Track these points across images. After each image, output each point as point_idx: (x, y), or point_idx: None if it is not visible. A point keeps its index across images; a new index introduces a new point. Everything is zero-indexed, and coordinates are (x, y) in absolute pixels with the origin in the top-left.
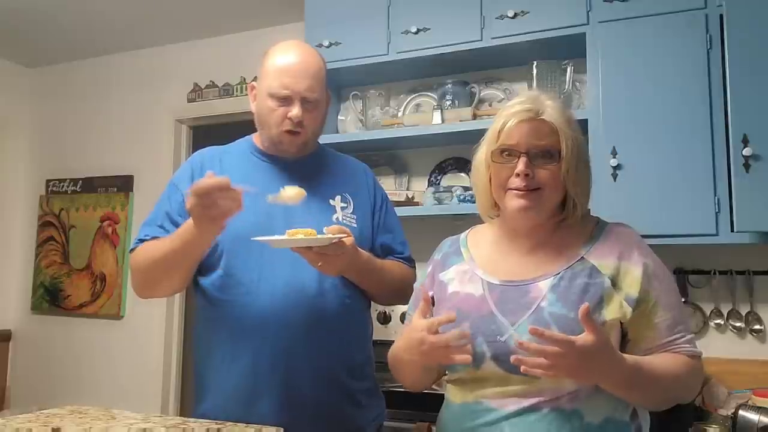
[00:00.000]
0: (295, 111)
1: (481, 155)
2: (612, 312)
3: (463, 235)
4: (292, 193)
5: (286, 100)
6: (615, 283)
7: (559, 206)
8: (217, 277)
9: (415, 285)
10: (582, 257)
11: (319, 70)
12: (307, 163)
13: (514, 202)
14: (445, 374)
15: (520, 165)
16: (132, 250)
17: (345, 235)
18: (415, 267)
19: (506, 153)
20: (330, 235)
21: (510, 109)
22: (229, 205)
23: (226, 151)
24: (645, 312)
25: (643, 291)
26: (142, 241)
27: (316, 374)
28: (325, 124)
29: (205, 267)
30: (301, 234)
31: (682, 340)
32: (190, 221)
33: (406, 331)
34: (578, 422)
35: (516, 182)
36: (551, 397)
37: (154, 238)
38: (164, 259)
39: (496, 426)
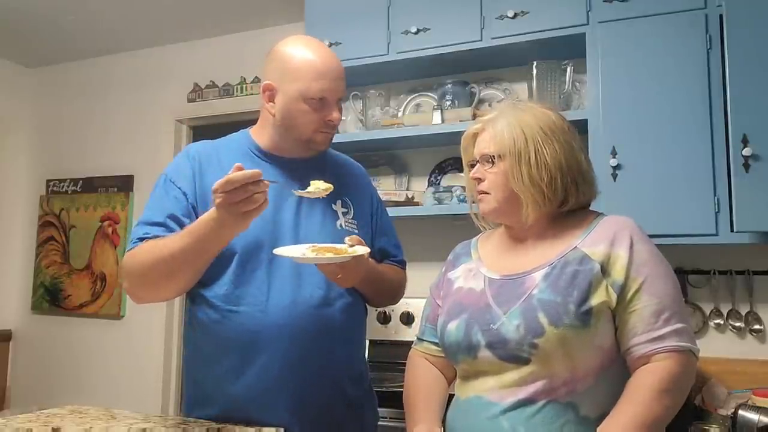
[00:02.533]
0: (336, 114)
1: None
2: (598, 297)
3: (475, 238)
4: (321, 187)
5: (321, 102)
6: (604, 269)
7: (552, 201)
8: (223, 288)
9: (430, 286)
10: (575, 246)
11: (342, 65)
12: (309, 165)
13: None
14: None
15: (471, 172)
16: (130, 250)
17: (365, 247)
18: (406, 269)
19: (469, 165)
20: (352, 250)
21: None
22: (262, 198)
23: (221, 148)
24: (628, 297)
25: (628, 276)
26: (142, 240)
27: (324, 382)
28: None
29: (209, 278)
30: (330, 253)
31: (669, 330)
32: (205, 218)
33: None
34: (573, 415)
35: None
36: (546, 387)
37: (155, 237)
38: (173, 258)
39: (495, 420)
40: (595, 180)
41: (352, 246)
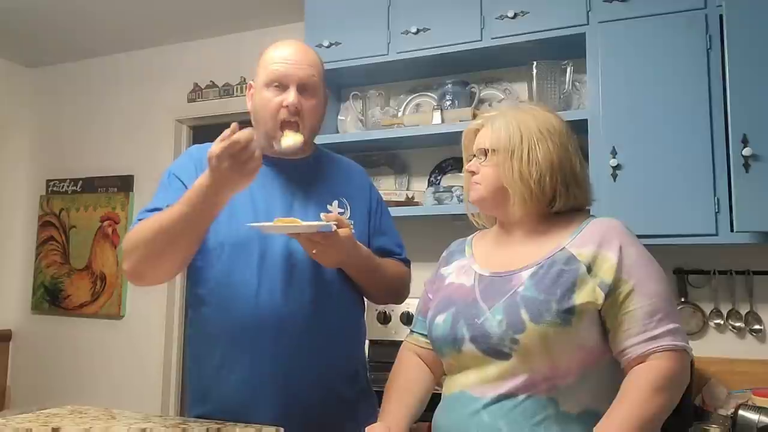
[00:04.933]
0: (291, 97)
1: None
2: (583, 296)
3: (470, 236)
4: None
5: (281, 88)
6: (591, 269)
7: (540, 198)
8: (214, 286)
9: (425, 281)
10: (563, 247)
11: (315, 59)
12: (305, 166)
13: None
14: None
15: (467, 165)
16: (130, 231)
17: (334, 222)
18: (410, 268)
19: (468, 161)
20: (318, 222)
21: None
22: (260, 154)
23: None
24: (620, 299)
25: (617, 278)
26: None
27: (315, 381)
28: (322, 122)
29: (202, 276)
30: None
31: (664, 330)
32: (200, 184)
33: None
34: (553, 410)
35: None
36: (527, 382)
37: None
38: (172, 227)
39: (476, 415)
40: (589, 186)
41: (328, 223)
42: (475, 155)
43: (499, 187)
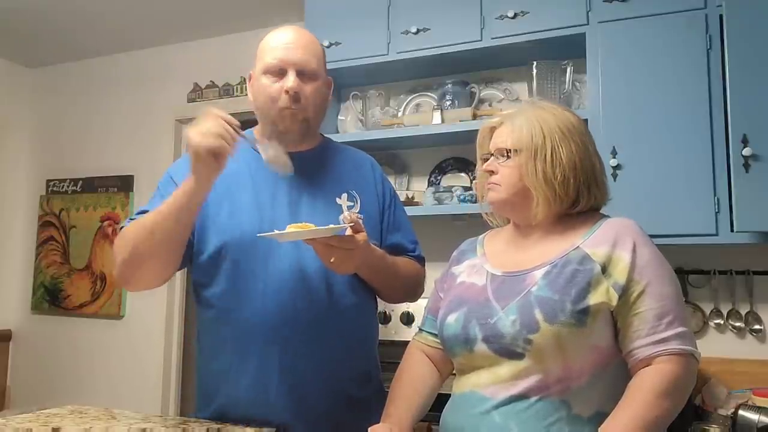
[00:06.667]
0: (290, 81)
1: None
2: (597, 297)
3: (482, 235)
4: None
5: (280, 73)
6: (605, 269)
7: (563, 200)
8: (221, 287)
9: (435, 279)
10: (578, 246)
11: (313, 43)
12: (311, 157)
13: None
14: (453, 374)
15: (484, 165)
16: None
17: (352, 223)
18: (424, 266)
19: (483, 159)
20: (334, 226)
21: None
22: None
23: None
24: (631, 299)
25: (630, 279)
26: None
27: (326, 382)
28: (326, 108)
29: (208, 278)
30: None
31: (672, 333)
32: (186, 181)
33: None
34: (566, 413)
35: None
36: (540, 383)
37: None
38: (154, 225)
39: (488, 415)
40: (607, 185)
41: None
42: (493, 154)
43: (521, 188)
